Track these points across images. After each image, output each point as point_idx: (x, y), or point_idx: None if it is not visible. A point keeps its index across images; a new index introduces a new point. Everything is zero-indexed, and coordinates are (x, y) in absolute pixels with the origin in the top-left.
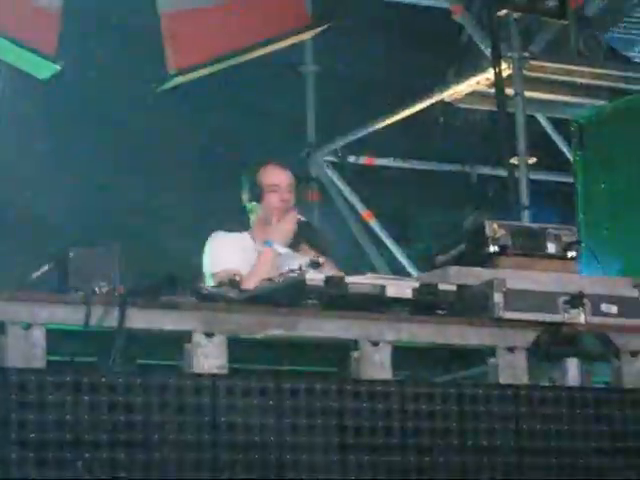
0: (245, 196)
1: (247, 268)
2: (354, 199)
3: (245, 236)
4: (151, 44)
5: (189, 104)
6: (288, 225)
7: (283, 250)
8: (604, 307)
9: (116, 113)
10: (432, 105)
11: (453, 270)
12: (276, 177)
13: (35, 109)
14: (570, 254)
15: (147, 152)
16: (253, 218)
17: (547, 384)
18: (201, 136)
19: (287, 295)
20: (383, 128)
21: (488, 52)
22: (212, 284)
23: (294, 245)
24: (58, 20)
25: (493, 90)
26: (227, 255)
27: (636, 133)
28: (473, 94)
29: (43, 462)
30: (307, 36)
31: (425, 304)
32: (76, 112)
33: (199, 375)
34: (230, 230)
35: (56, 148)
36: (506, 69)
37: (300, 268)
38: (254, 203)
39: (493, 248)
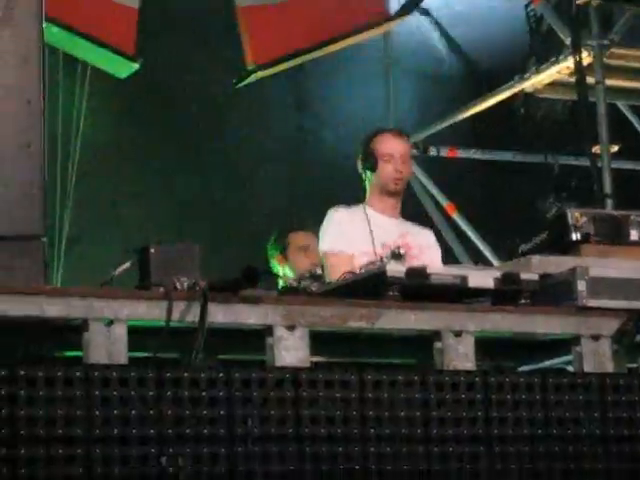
0: (360, 164)
1: (356, 242)
2: (436, 192)
3: (360, 208)
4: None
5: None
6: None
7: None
8: None
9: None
10: (513, 96)
11: (535, 259)
12: (390, 146)
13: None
14: None
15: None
16: (368, 187)
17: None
18: (280, 131)
19: (368, 287)
20: (464, 120)
21: (568, 41)
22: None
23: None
24: (136, 18)
25: (573, 79)
26: (334, 235)
27: None
28: (553, 84)
29: (127, 458)
30: (387, 29)
31: (507, 294)
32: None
33: (281, 369)
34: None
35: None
36: (586, 58)
37: (381, 259)
38: (369, 172)
39: (576, 236)
